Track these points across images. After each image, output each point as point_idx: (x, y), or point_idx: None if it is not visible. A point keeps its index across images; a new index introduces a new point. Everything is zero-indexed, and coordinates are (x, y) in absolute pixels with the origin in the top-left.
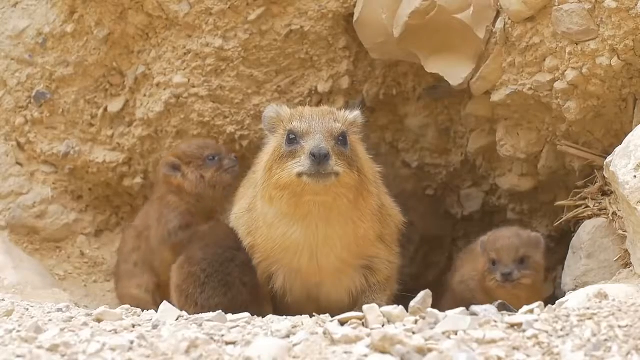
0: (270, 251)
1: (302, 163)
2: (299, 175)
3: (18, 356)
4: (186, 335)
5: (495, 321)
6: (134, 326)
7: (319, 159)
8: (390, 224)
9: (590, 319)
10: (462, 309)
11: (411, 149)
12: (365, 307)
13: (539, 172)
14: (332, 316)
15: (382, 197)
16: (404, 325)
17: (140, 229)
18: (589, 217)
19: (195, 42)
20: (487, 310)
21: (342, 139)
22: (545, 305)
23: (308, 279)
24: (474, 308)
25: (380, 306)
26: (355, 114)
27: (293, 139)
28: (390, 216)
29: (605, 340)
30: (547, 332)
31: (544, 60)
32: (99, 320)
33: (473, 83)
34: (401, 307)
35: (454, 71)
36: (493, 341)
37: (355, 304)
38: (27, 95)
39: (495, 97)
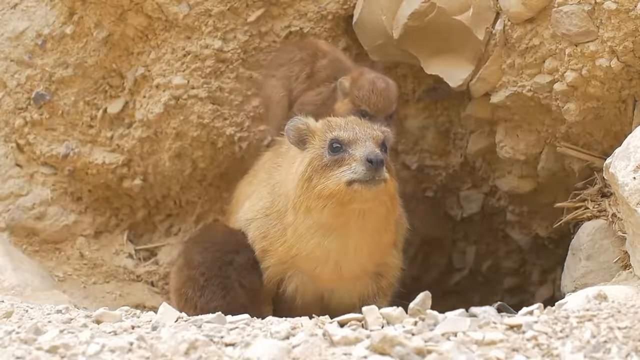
0: (291, 257)
1: (354, 170)
2: (349, 183)
3: (17, 357)
4: (185, 337)
5: (495, 322)
6: (133, 327)
7: (376, 164)
8: (401, 230)
9: (589, 320)
10: (461, 310)
11: (411, 150)
12: (364, 308)
13: (538, 173)
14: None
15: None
16: (404, 327)
17: None
18: (589, 219)
19: (194, 44)
20: (486, 312)
21: (384, 146)
22: (545, 306)
23: (323, 285)
24: (474, 309)
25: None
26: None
27: (337, 147)
28: (401, 223)
29: (605, 341)
30: (546, 333)
31: (544, 61)
32: (98, 322)
33: (472, 84)
34: (400, 308)
35: (454, 73)
36: (492, 342)
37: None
38: (26, 96)
39: (495, 98)
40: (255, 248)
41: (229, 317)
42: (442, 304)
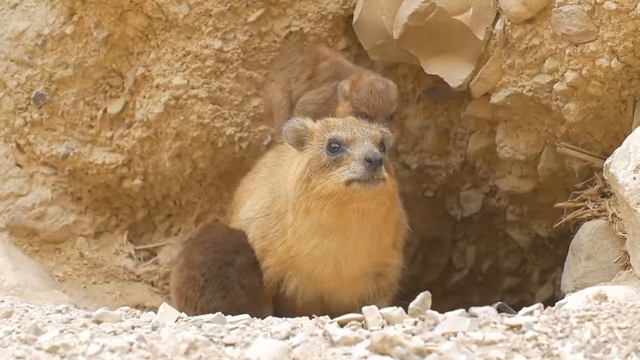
0: (291, 258)
1: (353, 169)
2: (348, 182)
3: (17, 357)
4: (185, 337)
5: (495, 322)
6: (133, 328)
7: (375, 163)
8: (401, 230)
9: (589, 320)
10: (461, 310)
11: (411, 150)
12: (364, 308)
13: (538, 173)
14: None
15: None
16: (404, 327)
17: None
18: (589, 219)
19: (194, 44)
20: (486, 312)
21: (382, 146)
22: (545, 306)
23: (323, 286)
24: (474, 309)
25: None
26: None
27: (336, 147)
28: (401, 223)
29: (605, 341)
30: (546, 333)
31: (544, 61)
32: (98, 322)
33: (473, 85)
34: (400, 308)
35: (454, 73)
36: (492, 343)
37: None
38: (26, 96)
39: (495, 98)
40: (255, 247)
41: (229, 317)
42: (442, 304)
